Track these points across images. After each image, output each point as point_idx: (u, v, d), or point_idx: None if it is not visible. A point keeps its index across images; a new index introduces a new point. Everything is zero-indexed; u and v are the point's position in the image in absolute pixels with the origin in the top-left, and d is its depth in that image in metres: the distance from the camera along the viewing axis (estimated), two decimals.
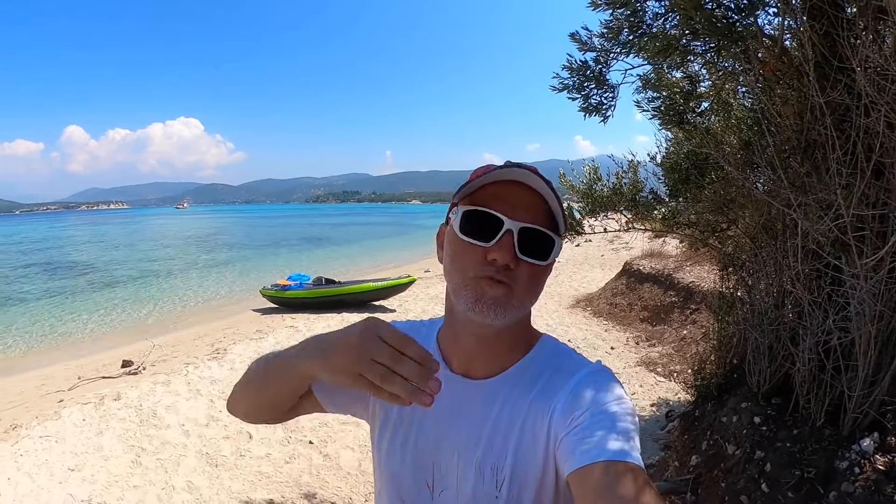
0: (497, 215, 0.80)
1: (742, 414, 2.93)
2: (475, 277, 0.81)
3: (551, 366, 0.89)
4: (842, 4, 2.24)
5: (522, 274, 0.81)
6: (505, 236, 0.79)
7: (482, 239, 0.80)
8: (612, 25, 3.00)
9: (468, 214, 0.82)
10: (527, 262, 0.81)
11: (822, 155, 2.32)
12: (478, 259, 0.81)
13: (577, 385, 0.82)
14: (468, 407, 0.89)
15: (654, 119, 3.57)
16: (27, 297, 17.91)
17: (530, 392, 0.86)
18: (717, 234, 3.95)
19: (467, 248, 0.82)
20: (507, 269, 0.80)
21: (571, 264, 17.56)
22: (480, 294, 0.80)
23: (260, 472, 4.84)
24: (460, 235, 0.83)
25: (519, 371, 0.89)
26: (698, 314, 7.82)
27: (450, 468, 0.89)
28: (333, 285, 12.86)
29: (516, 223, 0.80)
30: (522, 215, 0.80)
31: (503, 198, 0.82)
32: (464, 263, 0.83)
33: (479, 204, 0.82)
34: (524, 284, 0.82)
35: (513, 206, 0.81)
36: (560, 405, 0.81)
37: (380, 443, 0.98)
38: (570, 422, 0.77)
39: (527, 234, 0.80)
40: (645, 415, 5.42)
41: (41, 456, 4.99)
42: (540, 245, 0.82)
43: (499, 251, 0.79)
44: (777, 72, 2.56)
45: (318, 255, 30.06)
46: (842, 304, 2.35)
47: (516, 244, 0.79)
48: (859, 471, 2.14)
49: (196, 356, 8.49)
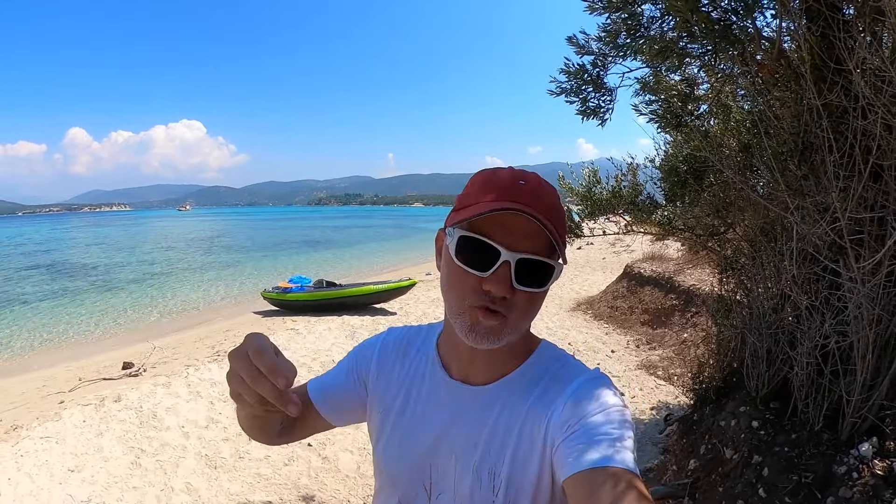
0: (494, 245, 0.77)
1: (740, 418, 2.91)
2: (470, 306, 0.80)
3: (549, 372, 0.89)
4: (839, 6, 2.24)
5: (519, 301, 0.80)
6: (501, 268, 0.77)
7: (478, 268, 0.78)
8: (610, 29, 3.00)
9: (464, 241, 0.80)
10: (523, 291, 0.79)
11: (819, 157, 2.32)
12: (473, 287, 0.79)
13: (574, 392, 0.82)
14: (467, 412, 0.89)
15: (653, 122, 3.57)
16: (29, 298, 17.92)
17: (528, 399, 0.86)
18: (716, 237, 3.94)
19: (463, 275, 0.80)
20: (503, 300, 0.78)
21: (573, 267, 17.53)
22: (475, 322, 0.80)
23: (259, 473, 4.84)
24: (455, 261, 0.81)
25: (517, 378, 0.89)
26: (699, 317, 7.81)
27: (447, 472, 0.89)
28: (334, 288, 12.84)
29: (514, 254, 0.77)
30: (520, 244, 0.78)
31: (501, 225, 0.79)
32: (459, 290, 0.81)
33: (476, 229, 0.79)
34: (520, 311, 0.81)
35: (511, 234, 0.78)
36: (557, 412, 0.81)
37: (378, 445, 0.99)
38: (567, 428, 0.77)
39: (524, 264, 0.78)
40: (645, 418, 5.40)
41: (41, 456, 5.00)
42: (538, 274, 0.80)
43: (495, 283, 0.77)
44: (775, 74, 2.56)
45: (319, 258, 30.09)
46: (840, 308, 2.34)
47: (513, 275, 0.78)
48: (857, 476, 2.13)
49: (196, 358, 8.50)
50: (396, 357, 1.01)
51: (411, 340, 1.03)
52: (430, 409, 0.93)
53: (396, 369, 1.00)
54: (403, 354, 1.01)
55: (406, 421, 0.95)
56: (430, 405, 0.94)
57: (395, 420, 0.96)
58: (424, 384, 0.96)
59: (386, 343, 1.04)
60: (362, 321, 10.99)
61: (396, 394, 0.97)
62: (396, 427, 0.96)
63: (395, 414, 0.96)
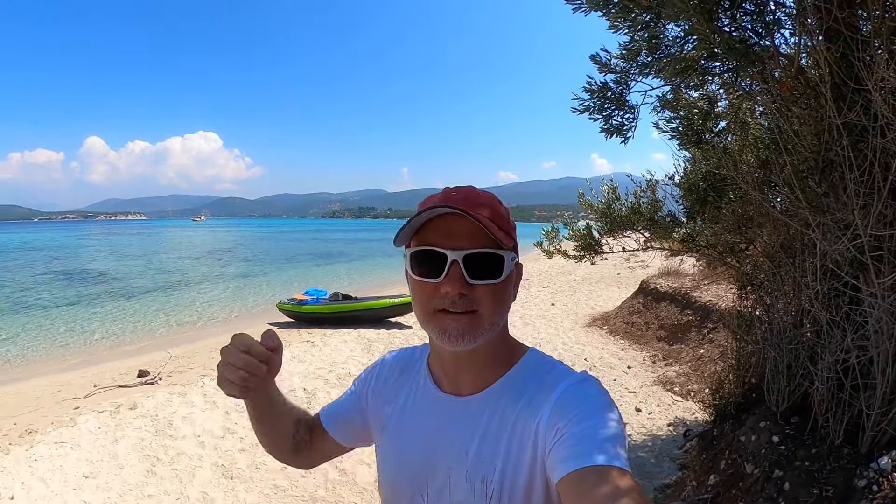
0: (439, 250, 0.84)
1: (761, 433, 2.91)
2: (434, 311, 0.86)
3: (535, 378, 0.92)
4: (857, 26, 2.27)
5: (482, 296, 0.85)
6: (452, 268, 0.84)
7: (432, 276, 0.85)
8: (631, 47, 3.05)
9: (414, 256, 0.88)
10: (480, 284, 0.85)
11: (838, 175, 2.34)
12: (433, 293, 0.86)
13: (561, 395, 0.85)
14: (457, 423, 0.93)
15: (673, 140, 3.59)
16: (46, 304, 18.11)
17: (516, 405, 0.89)
18: (735, 253, 3.94)
19: (422, 286, 0.87)
20: (462, 297, 0.84)
21: (587, 283, 17.47)
22: (444, 327, 0.85)
23: (275, 485, 4.83)
24: (413, 276, 0.88)
25: (503, 386, 0.92)
26: (715, 333, 7.75)
27: (443, 482, 0.92)
28: (350, 301, 12.84)
29: (459, 252, 0.84)
30: (463, 243, 0.84)
31: (442, 231, 0.86)
32: (422, 300, 0.88)
33: (422, 242, 0.87)
34: (488, 305, 0.86)
35: (452, 236, 0.85)
36: (545, 417, 0.83)
37: (379, 461, 1.05)
38: (556, 432, 0.79)
39: (472, 259, 0.84)
40: (662, 434, 5.36)
41: (56, 462, 5.06)
42: (489, 265, 0.85)
43: (449, 283, 0.84)
44: (794, 91, 2.59)
45: (334, 270, 30.16)
46: (860, 323, 2.35)
47: (464, 272, 0.84)
48: (877, 489, 2.14)
49: (212, 368, 8.51)
50: (392, 377, 1.07)
51: (407, 361, 1.08)
52: (424, 422, 0.97)
53: (393, 389, 1.05)
54: (399, 374, 1.07)
55: (402, 436, 0.99)
56: (423, 419, 0.98)
57: (392, 436, 1.01)
58: (418, 400, 1.00)
59: (384, 364, 1.11)
60: (378, 334, 11.02)
61: (392, 411, 1.03)
62: (394, 443, 1.01)
63: (392, 430, 1.02)
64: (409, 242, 0.91)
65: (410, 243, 0.91)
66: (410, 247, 0.90)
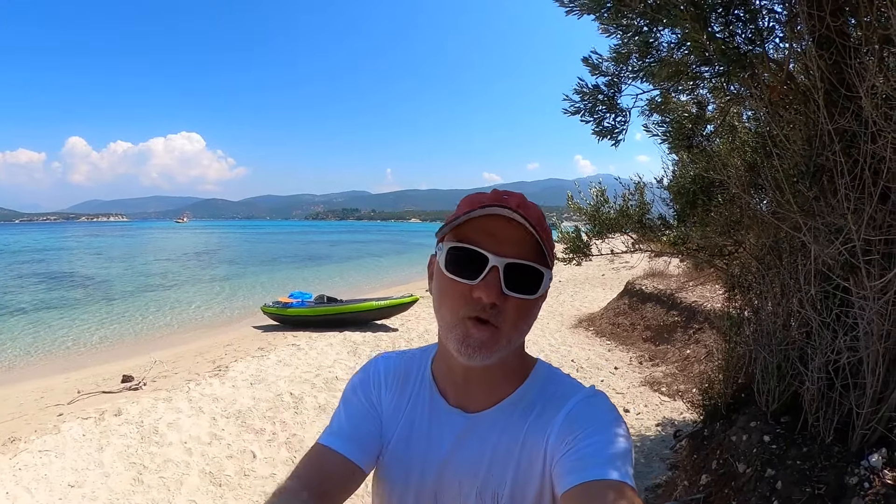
0: (481, 252, 0.79)
1: (752, 433, 2.95)
2: (463, 318, 0.81)
3: (545, 394, 0.90)
4: (848, 33, 2.32)
5: (510, 309, 0.80)
6: (490, 273, 0.79)
7: (467, 276, 0.80)
8: (622, 51, 3.08)
9: (453, 251, 0.82)
10: (514, 297, 0.80)
11: (829, 179, 2.38)
12: (464, 297, 0.80)
13: (571, 410, 0.84)
14: (468, 439, 0.90)
15: (664, 143, 3.63)
16: (26, 307, 17.76)
17: (525, 421, 0.87)
18: (724, 256, 3.99)
19: (453, 286, 0.82)
20: (493, 307, 0.79)
21: (572, 284, 17.58)
22: (465, 335, 0.80)
23: (264, 492, 4.79)
24: (446, 273, 0.82)
25: (514, 402, 0.90)
26: (701, 333, 7.84)
27: (452, 498, 0.90)
28: (335, 304, 12.80)
29: (502, 259, 0.79)
30: (508, 250, 0.79)
31: (488, 232, 0.81)
32: (451, 302, 0.83)
33: (464, 239, 0.81)
34: (512, 321, 0.81)
35: (498, 240, 0.80)
36: (555, 431, 0.83)
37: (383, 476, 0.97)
38: (565, 444, 0.79)
39: (513, 269, 0.79)
40: (650, 434, 5.41)
41: (40, 471, 4.96)
42: (528, 279, 0.81)
43: (484, 289, 0.78)
44: (784, 96, 2.63)
45: (318, 273, 30.01)
46: (850, 325, 2.40)
47: (502, 280, 0.79)
48: (869, 486, 2.19)
49: (197, 373, 8.45)
50: (396, 386, 1.00)
51: (408, 368, 1.02)
52: (433, 438, 0.93)
53: (397, 399, 0.99)
54: (402, 383, 1.00)
55: (410, 452, 0.94)
56: (432, 434, 0.94)
57: (399, 451, 0.95)
58: (424, 413, 0.96)
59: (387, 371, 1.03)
60: (364, 337, 10.97)
61: (397, 424, 0.97)
62: (401, 458, 0.95)
63: (399, 445, 0.95)
64: (445, 236, 0.85)
65: (445, 237, 0.85)
66: (446, 241, 0.84)
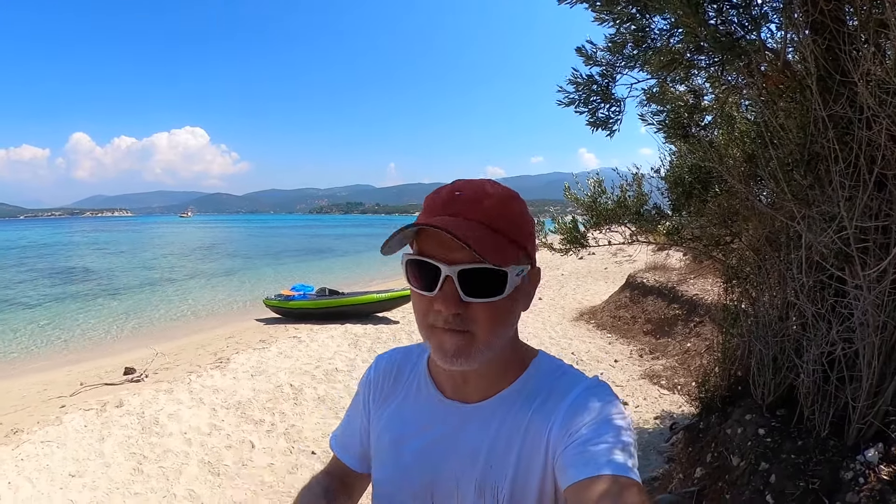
0: (432, 263, 0.76)
1: (747, 426, 2.92)
2: (430, 326, 0.79)
3: (547, 384, 0.87)
4: (844, 19, 2.28)
5: (479, 315, 0.77)
6: (445, 283, 0.76)
7: (426, 288, 0.78)
8: (617, 40, 3.04)
9: (409, 264, 0.80)
10: (477, 302, 0.76)
11: (824, 167, 2.34)
12: (427, 308, 0.79)
13: (574, 401, 0.82)
14: (465, 431, 0.88)
15: (660, 133, 3.59)
16: (31, 301, 18.01)
17: (527, 412, 0.85)
18: (721, 246, 3.96)
19: (418, 297, 0.80)
20: (456, 316, 0.76)
21: (575, 277, 17.56)
22: (440, 344, 0.78)
23: (262, 481, 4.83)
24: (410, 286, 0.81)
25: (515, 392, 0.87)
26: (702, 327, 7.82)
27: (450, 491, 0.88)
28: (337, 296, 12.86)
29: (453, 267, 0.75)
30: (460, 256, 0.74)
31: (437, 241, 0.76)
32: (419, 314, 0.81)
33: (417, 250, 0.79)
34: (484, 326, 0.77)
35: (449, 247, 0.75)
36: (557, 422, 0.80)
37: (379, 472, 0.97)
38: (568, 437, 0.77)
39: (468, 275, 0.75)
40: (649, 427, 5.40)
41: (42, 461, 5.01)
42: (488, 282, 0.76)
43: (442, 300, 0.76)
44: (780, 85, 2.60)
45: (321, 266, 30.11)
46: (845, 316, 2.36)
47: (459, 289, 0.75)
48: (864, 481, 2.15)
49: (199, 365, 8.50)
50: (388, 383, 0.99)
51: (402, 363, 1.01)
52: (429, 432, 0.91)
53: (390, 395, 0.98)
54: (395, 380, 0.99)
55: (406, 447, 0.92)
56: (428, 429, 0.91)
57: (395, 447, 0.94)
58: (420, 407, 0.94)
59: (377, 372, 1.02)
60: (365, 329, 10.99)
61: (393, 420, 0.96)
62: (397, 454, 0.93)
63: (394, 441, 0.94)
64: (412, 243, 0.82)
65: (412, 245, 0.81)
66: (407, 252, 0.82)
